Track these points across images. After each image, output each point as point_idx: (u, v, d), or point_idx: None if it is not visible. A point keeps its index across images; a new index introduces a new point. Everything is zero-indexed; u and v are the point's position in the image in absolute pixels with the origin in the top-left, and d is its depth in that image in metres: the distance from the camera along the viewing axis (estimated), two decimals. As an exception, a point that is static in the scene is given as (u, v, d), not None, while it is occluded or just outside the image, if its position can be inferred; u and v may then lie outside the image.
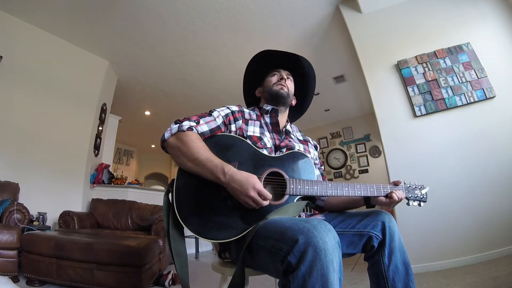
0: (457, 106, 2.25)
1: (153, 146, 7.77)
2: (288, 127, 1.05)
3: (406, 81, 2.44)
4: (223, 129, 0.90)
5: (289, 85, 1.05)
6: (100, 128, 3.76)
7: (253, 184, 0.74)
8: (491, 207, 2.02)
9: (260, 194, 0.74)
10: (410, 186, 0.91)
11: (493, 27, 2.35)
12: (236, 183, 0.73)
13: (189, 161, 0.78)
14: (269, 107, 1.02)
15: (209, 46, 3.53)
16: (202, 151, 0.78)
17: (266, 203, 0.75)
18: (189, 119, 0.86)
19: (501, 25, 2.33)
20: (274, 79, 1.06)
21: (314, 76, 1.13)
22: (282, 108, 1.05)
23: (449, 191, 2.12)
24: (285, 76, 1.06)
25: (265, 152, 0.88)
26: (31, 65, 2.97)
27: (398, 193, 0.87)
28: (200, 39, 3.38)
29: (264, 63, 1.09)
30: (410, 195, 0.90)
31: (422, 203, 0.90)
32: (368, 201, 0.90)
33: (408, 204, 0.90)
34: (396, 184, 0.90)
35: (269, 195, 0.75)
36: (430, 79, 2.37)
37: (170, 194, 0.83)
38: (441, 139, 2.26)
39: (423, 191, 0.91)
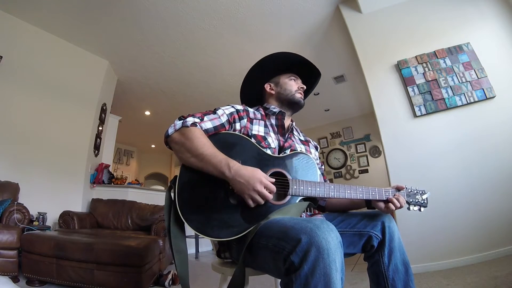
0: (457, 106, 2.25)
1: (153, 146, 7.77)
2: (293, 126, 1.05)
3: (406, 81, 2.44)
4: (227, 127, 0.90)
5: (303, 95, 1.07)
6: (100, 128, 3.76)
7: (260, 178, 0.74)
8: (491, 207, 2.02)
9: (266, 187, 0.75)
10: (411, 191, 0.91)
11: (493, 27, 2.35)
12: (242, 178, 0.73)
13: (193, 157, 0.78)
14: (276, 110, 1.01)
15: (209, 46, 3.53)
16: (206, 146, 0.78)
17: (271, 196, 0.76)
18: (193, 116, 0.85)
19: (501, 25, 2.33)
20: (294, 85, 1.05)
21: (312, 90, 1.18)
22: (289, 113, 1.06)
23: (449, 191, 2.12)
24: (304, 86, 1.07)
25: (268, 152, 0.88)
26: (31, 65, 2.97)
27: (399, 201, 0.85)
28: (200, 39, 3.39)
29: (283, 63, 1.07)
30: (411, 200, 0.89)
31: (422, 208, 0.90)
32: (369, 203, 0.90)
33: (408, 208, 0.90)
34: (398, 189, 0.89)
35: (274, 188, 0.76)
36: (430, 79, 2.37)
37: (172, 191, 0.83)
38: (441, 139, 2.26)
39: (424, 196, 0.90)
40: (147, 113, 5.53)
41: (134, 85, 4.42)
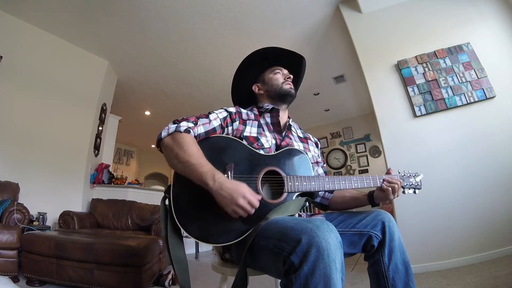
0: (457, 106, 2.25)
1: (153, 146, 7.76)
2: (290, 123, 1.04)
3: (406, 81, 2.44)
4: (219, 131, 0.90)
5: (292, 85, 1.04)
6: (100, 128, 3.76)
7: (243, 193, 0.72)
8: (491, 207, 2.02)
9: (249, 202, 0.72)
10: (404, 174, 0.92)
11: (493, 27, 2.35)
12: (225, 191, 0.71)
13: (180, 163, 0.77)
14: (269, 107, 1.00)
15: (209, 46, 3.53)
16: (195, 155, 0.77)
17: (252, 210, 0.73)
18: (187, 120, 0.85)
19: (501, 25, 2.33)
20: (280, 77, 1.03)
21: (303, 75, 1.15)
22: (283, 107, 1.04)
23: (449, 191, 2.12)
24: (290, 76, 1.04)
25: (262, 152, 0.87)
26: (31, 65, 2.96)
27: (393, 182, 0.85)
28: (200, 39, 3.38)
29: (263, 59, 1.06)
30: (405, 184, 0.90)
31: (417, 190, 0.90)
32: (372, 200, 0.91)
33: (404, 192, 0.90)
34: (390, 173, 0.91)
35: (256, 203, 0.73)
36: (430, 79, 2.37)
37: (167, 200, 0.83)
38: (441, 139, 2.26)
39: (418, 179, 0.91)
40: (147, 113, 5.53)
41: (134, 85, 4.42)
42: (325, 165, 1.10)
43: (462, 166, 2.16)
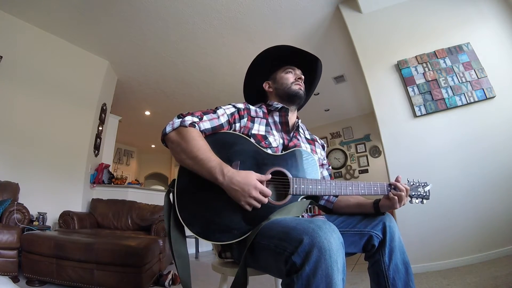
0: (457, 106, 2.25)
1: (153, 146, 7.77)
2: (299, 124, 1.03)
3: (406, 81, 2.44)
4: (226, 128, 0.87)
5: (303, 86, 1.02)
6: (100, 128, 3.76)
7: (255, 184, 0.73)
8: (491, 207, 2.02)
9: (261, 193, 0.74)
10: (413, 184, 0.89)
11: (493, 27, 2.35)
12: (237, 185, 0.72)
13: (188, 158, 0.77)
14: (279, 105, 0.99)
15: (209, 46, 3.53)
16: (202, 149, 0.76)
17: (266, 200, 0.75)
18: (192, 114, 0.83)
19: (501, 25, 2.33)
20: (290, 77, 1.01)
21: (319, 78, 1.12)
22: (293, 108, 1.02)
23: (449, 191, 2.12)
24: (302, 76, 1.02)
25: (269, 151, 0.86)
26: (31, 65, 2.96)
27: (400, 190, 0.82)
28: (200, 39, 3.38)
29: (277, 57, 1.03)
30: (413, 193, 0.87)
31: (424, 201, 0.88)
32: (377, 208, 0.87)
33: (410, 202, 0.87)
34: (398, 181, 0.86)
35: (269, 192, 0.75)
36: (430, 79, 2.37)
37: (171, 195, 0.82)
38: (441, 139, 2.26)
39: (426, 189, 0.88)
40: (147, 113, 5.53)
41: (134, 85, 4.42)
42: (330, 167, 1.08)
43: (462, 166, 2.16)
